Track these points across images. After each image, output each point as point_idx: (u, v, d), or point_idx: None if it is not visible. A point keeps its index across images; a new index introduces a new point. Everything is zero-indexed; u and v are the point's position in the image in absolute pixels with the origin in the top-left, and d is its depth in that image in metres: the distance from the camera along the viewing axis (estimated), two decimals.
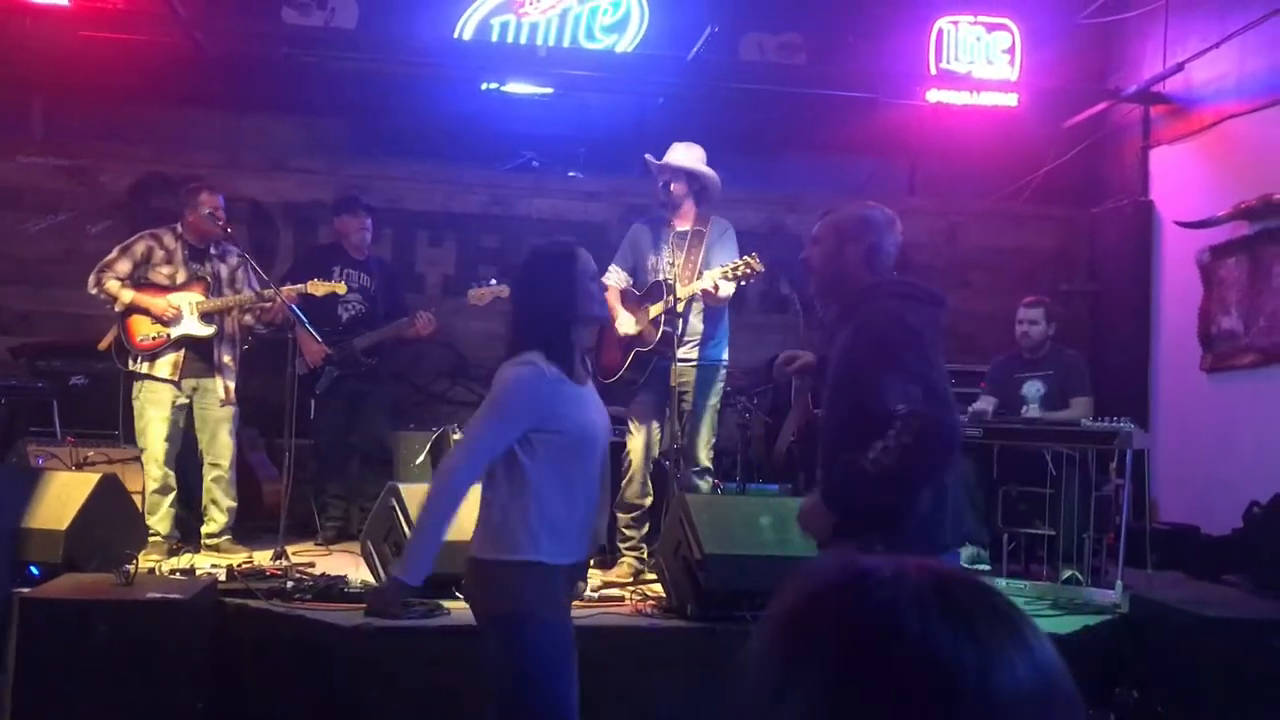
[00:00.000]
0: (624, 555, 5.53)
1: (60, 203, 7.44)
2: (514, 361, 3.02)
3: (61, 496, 4.77)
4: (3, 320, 7.32)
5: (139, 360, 5.83)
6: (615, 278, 5.75)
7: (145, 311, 5.82)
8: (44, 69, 7.21)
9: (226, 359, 5.98)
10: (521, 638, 2.92)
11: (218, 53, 7.22)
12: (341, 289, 6.23)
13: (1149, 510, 6.01)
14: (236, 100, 7.90)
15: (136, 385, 5.85)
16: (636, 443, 5.55)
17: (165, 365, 5.83)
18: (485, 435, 3.01)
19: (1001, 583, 5.46)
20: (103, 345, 5.96)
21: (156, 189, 7.45)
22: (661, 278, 5.58)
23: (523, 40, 7.70)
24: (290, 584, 4.75)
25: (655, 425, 5.58)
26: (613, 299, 5.58)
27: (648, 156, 5.73)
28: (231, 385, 5.96)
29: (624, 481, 5.49)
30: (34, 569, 4.53)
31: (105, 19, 6.95)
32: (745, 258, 5.38)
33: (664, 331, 5.46)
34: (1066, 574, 5.47)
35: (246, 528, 6.13)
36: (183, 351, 5.86)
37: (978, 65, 7.93)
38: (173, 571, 5.07)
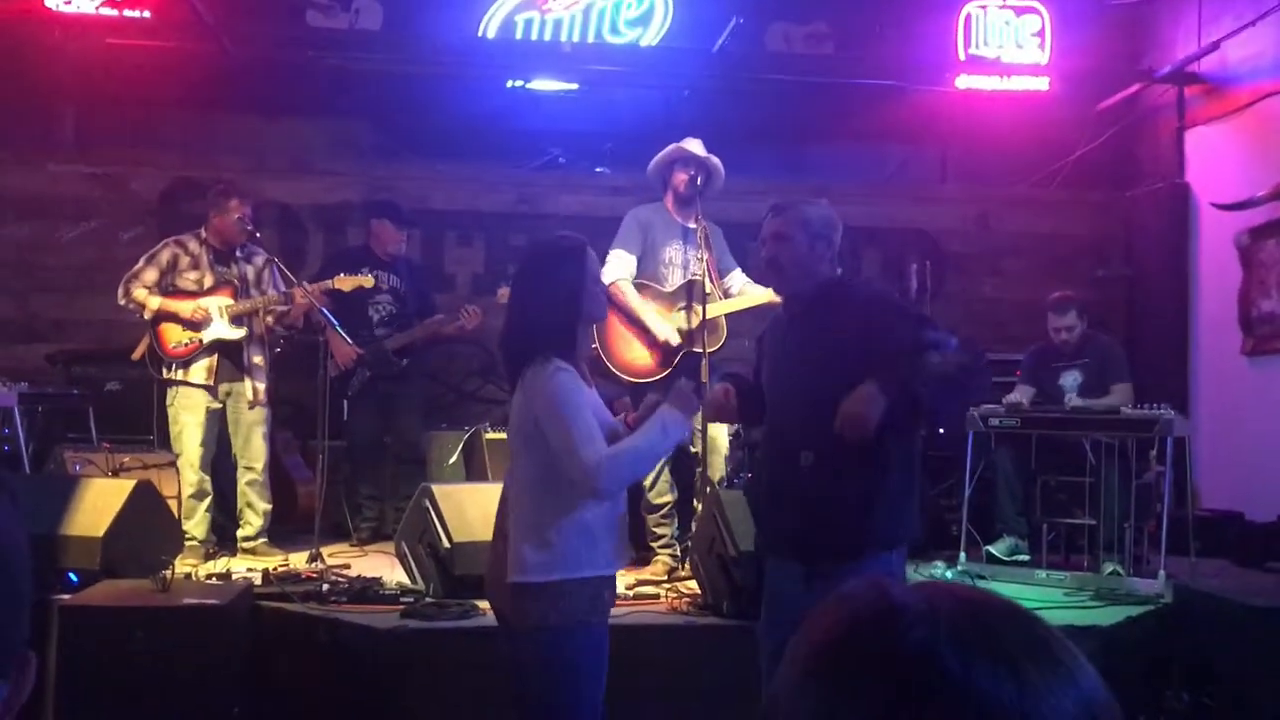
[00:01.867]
0: (658, 553, 5.48)
1: (92, 210, 7.50)
2: (546, 368, 2.87)
3: (98, 503, 4.80)
4: (37, 328, 7.38)
5: (174, 368, 5.83)
6: (625, 266, 5.51)
7: (174, 317, 5.82)
8: (74, 78, 7.25)
9: (256, 360, 5.96)
10: (570, 645, 2.86)
11: (244, 57, 7.24)
12: (369, 282, 6.18)
13: (1191, 498, 5.90)
14: (263, 104, 7.93)
15: (171, 391, 5.86)
16: None
17: (200, 370, 5.84)
18: (581, 426, 2.83)
19: (1041, 574, 5.41)
20: (136, 355, 5.98)
21: (186, 195, 7.49)
22: (692, 277, 5.48)
23: (547, 37, 7.68)
24: (326, 586, 4.76)
25: None
26: (634, 294, 5.48)
27: (686, 146, 5.56)
28: (262, 387, 5.94)
29: (646, 483, 5.33)
30: (73, 576, 4.57)
31: (133, 27, 6.98)
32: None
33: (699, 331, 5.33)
34: (1109, 568, 5.39)
35: (282, 530, 6.15)
36: (216, 356, 5.87)
37: (1007, 49, 7.82)
38: (209, 576, 5.09)
